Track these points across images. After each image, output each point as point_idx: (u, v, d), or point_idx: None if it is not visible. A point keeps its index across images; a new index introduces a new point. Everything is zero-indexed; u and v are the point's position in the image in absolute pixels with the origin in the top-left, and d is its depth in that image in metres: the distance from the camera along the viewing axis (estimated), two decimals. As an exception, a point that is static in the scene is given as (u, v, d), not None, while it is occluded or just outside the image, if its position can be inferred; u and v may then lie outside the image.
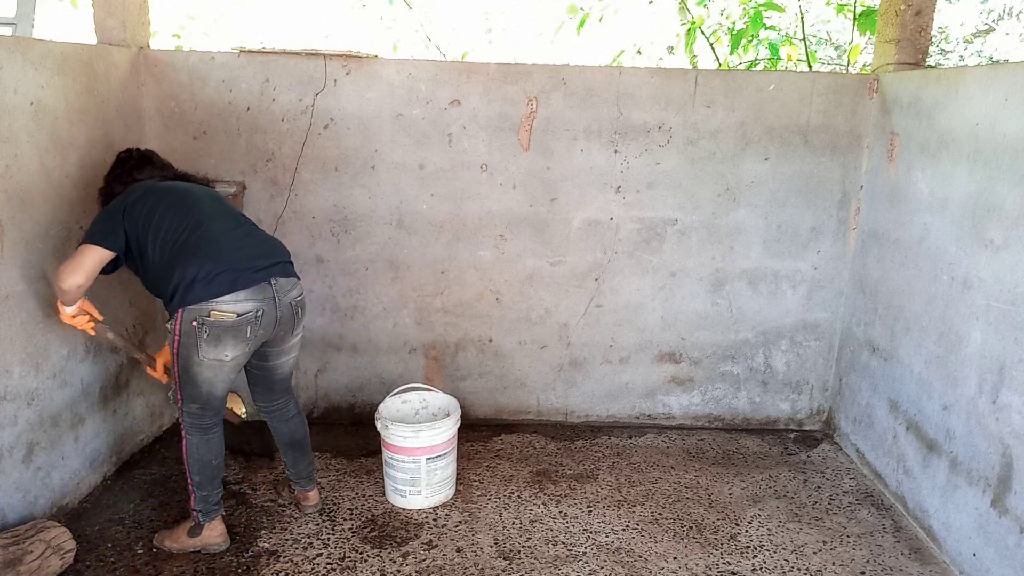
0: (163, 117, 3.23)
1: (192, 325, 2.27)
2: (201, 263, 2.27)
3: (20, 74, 2.43)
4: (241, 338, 2.32)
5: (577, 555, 2.66)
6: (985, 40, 8.39)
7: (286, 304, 2.42)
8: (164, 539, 2.60)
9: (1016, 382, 2.32)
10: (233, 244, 2.37)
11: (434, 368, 3.60)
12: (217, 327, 2.27)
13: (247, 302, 2.30)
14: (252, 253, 2.38)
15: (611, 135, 3.31)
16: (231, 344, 2.31)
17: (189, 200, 2.43)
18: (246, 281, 2.30)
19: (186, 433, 2.46)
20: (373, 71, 3.22)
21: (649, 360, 3.61)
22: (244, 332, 2.32)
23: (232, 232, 2.41)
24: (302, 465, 2.80)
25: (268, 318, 2.37)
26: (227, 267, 2.29)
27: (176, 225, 2.34)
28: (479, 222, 3.40)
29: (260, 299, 2.33)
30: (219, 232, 2.37)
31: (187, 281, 2.26)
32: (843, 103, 3.30)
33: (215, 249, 2.32)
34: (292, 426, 2.74)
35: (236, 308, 2.28)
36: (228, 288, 2.27)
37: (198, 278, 2.26)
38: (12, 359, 2.45)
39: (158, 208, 2.37)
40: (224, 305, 2.27)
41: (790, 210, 3.41)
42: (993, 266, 2.45)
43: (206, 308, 2.26)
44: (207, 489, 2.51)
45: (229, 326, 2.28)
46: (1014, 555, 2.30)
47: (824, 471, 3.32)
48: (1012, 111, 2.38)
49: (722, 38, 5.65)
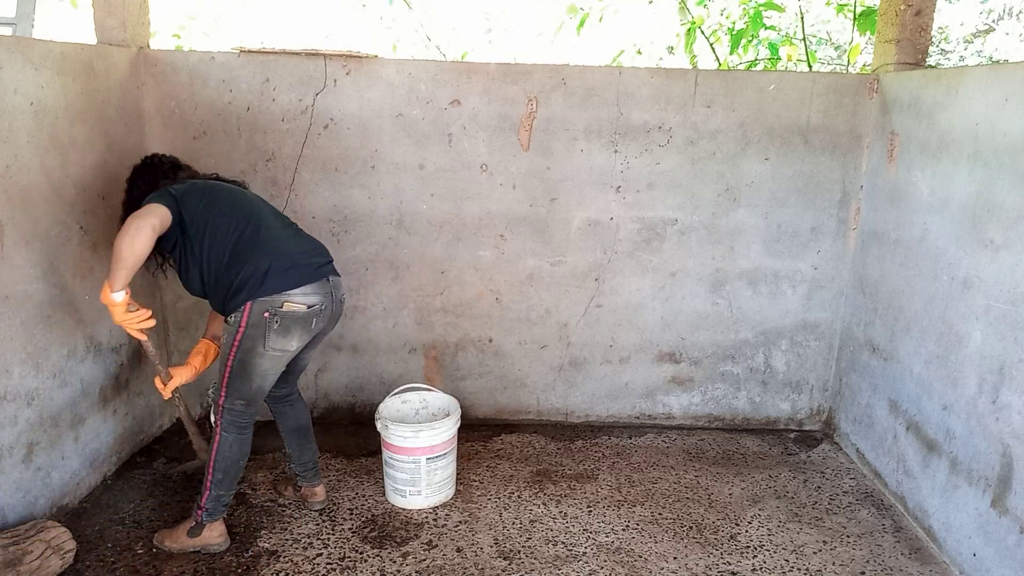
0: (163, 117, 3.23)
1: (263, 316, 2.35)
2: (272, 258, 2.37)
3: (20, 74, 2.43)
4: (307, 329, 2.45)
5: (577, 555, 2.66)
6: (985, 40, 8.39)
7: (339, 300, 2.55)
8: (164, 539, 2.60)
9: (1016, 382, 2.32)
10: (292, 242, 2.50)
11: (434, 368, 3.60)
12: (288, 318, 2.38)
13: (314, 296, 2.42)
14: (309, 251, 2.52)
15: (611, 135, 3.31)
16: (298, 335, 2.43)
17: (243, 199, 2.52)
18: (311, 276, 2.43)
19: (222, 430, 2.49)
20: (373, 71, 3.22)
21: (649, 360, 3.61)
22: (310, 324, 2.44)
23: (287, 231, 2.53)
24: (308, 455, 2.83)
25: (327, 312, 2.49)
26: (294, 263, 2.41)
27: (236, 223, 2.41)
28: (479, 222, 3.40)
29: (323, 294, 2.45)
30: (278, 230, 2.49)
31: (259, 274, 2.34)
32: (843, 103, 3.30)
33: (281, 246, 2.43)
34: (298, 411, 2.81)
35: (306, 301, 2.40)
36: (298, 282, 2.39)
37: (271, 271, 2.35)
38: (12, 359, 2.45)
39: (216, 205, 2.42)
40: (296, 297, 2.38)
41: (790, 210, 3.41)
42: (993, 266, 2.45)
43: (279, 300, 2.36)
44: (224, 489, 2.53)
45: (299, 317, 2.40)
46: (1014, 555, 2.30)
47: (824, 471, 3.32)
48: (1012, 111, 2.38)
49: (722, 38, 5.65)
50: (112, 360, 3.02)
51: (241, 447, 2.52)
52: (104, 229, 2.92)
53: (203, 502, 2.52)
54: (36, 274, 2.54)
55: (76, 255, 2.76)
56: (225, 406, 2.47)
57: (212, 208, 2.41)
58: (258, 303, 2.35)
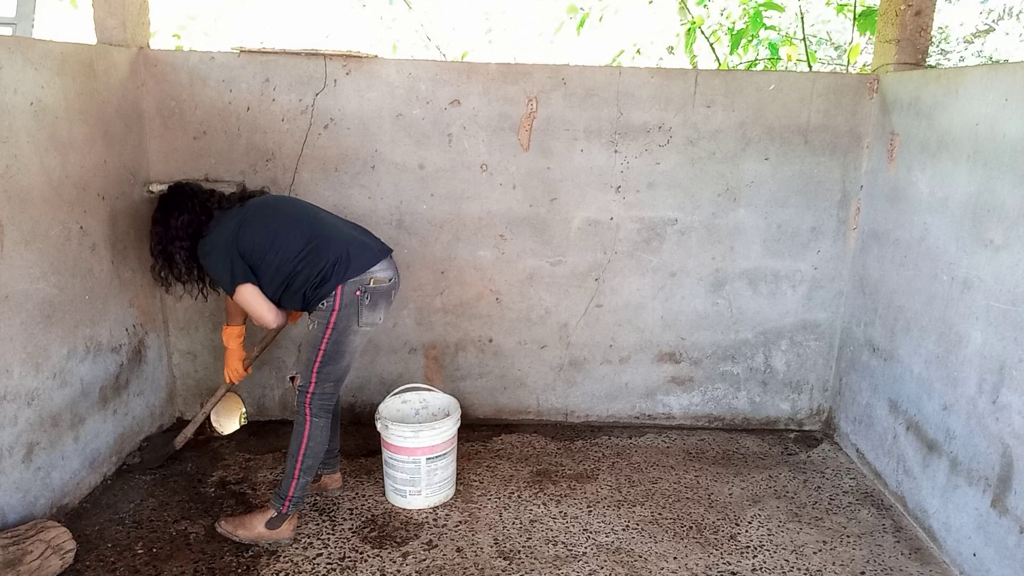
0: (163, 117, 3.23)
1: (356, 295, 2.51)
2: (347, 244, 2.55)
3: (20, 74, 2.43)
4: (388, 300, 2.63)
5: (577, 555, 2.66)
6: (985, 40, 8.39)
7: (398, 278, 2.70)
8: (235, 528, 2.64)
9: (1016, 382, 2.32)
10: (352, 229, 2.69)
11: (434, 368, 3.60)
12: (376, 292, 2.55)
13: (389, 270, 2.63)
14: (367, 233, 2.72)
15: (611, 135, 3.31)
16: (383, 307, 2.61)
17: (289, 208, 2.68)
18: (383, 253, 2.63)
19: (312, 416, 2.58)
20: (373, 71, 3.22)
21: (649, 360, 3.61)
22: (390, 296, 2.63)
23: (340, 221, 2.72)
24: (335, 442, 2.95)
25: (398, 284, 2.69)
26: (366, 245, 2.60)
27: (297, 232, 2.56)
28: (479, 222, 3.40)
29: (393, 268, 2.66)
30: (335, 221, 2.68)
31: (343, 258, 2.51)
32: (843, 103, 3.30)
33: (348, 233, 2.62)
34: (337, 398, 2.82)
35: (386, 275, 2.60)
36: (376, 258, 2.57)
37: (351, 255, 2.52)
38: (12, 359, 2.45)
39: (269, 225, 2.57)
40: (379, 272, 2.57)
41: (790, 210, 3.41)
42: (993, 266, 2.45)
43: (367, 277, 2.53)
44: (310, 476, 2.63)
45: (385, 290, 2.59)
46: (1014, 555, 2.30)
47: (824, 471, 3.32)
48: (1012, 111, 2.38)
49: (722, 38, 5.65)
50: (112, 360, 3.02)
51: (327, 430, 2.64)
52: (104, 229, 2.92)
53: (291, 492, 2.59)
54: (36, 274, 2.54)
55: (76, 255, 2.76)
56: (315, 392, 2.57)
57: (267, 229, 2.55)
58: (348, 284, 2.50)
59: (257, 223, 2.57)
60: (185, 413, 3.60)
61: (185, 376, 3.55)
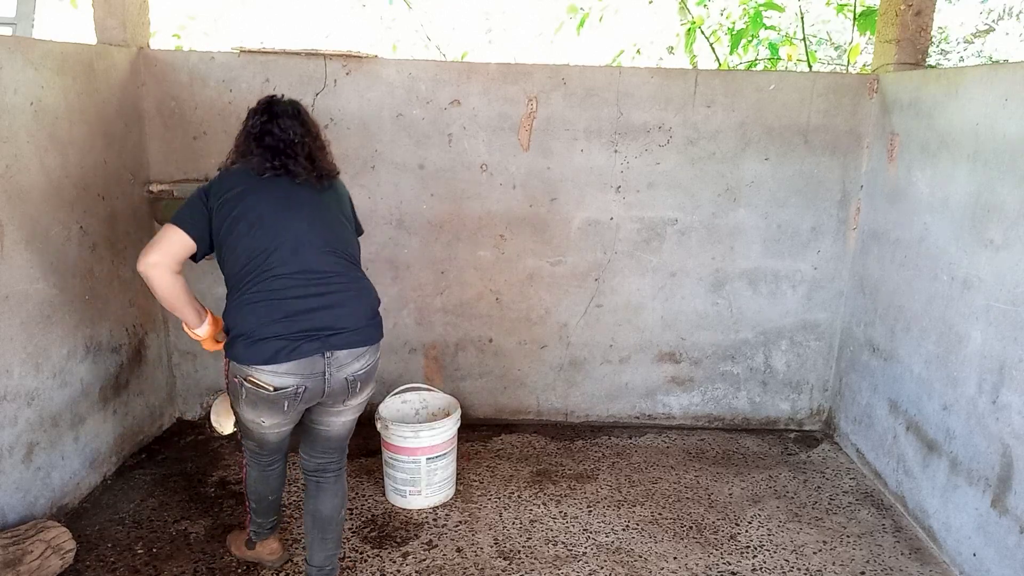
0: (163, 117, 3.23)
1: (234, 380, 2.08)
2: (253, 319, 2.01)
3: (20, 74, 2.43)
4: (278, 411, 2.08)
5: (577, 555, 2.66)
6: (985, 40, 8.39)
7: (339, 379, 2.10)
8: (231, 543, 2.62)
9: (1016, 382, 2.32)
10: (296, 297, 2.03)
11: (434, 368, 3.60)
12: (253, 394, 2.04)
13: (287, 376, 2.01)
14: (316, 315, 2.04)
15: (611, 135, 3.31)
16: (267, 413, 2.09)
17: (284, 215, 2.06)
18: (290, 353, 1.99)
19: (246, 464, 2.38)
20: (373, 71, 3.22)
21: (649, 360, 3.61)
22: (281, 405, 2.06)
23: (306, 276, 2.05)
24: (317, 555, 2.31)
25: (312, 393, 2.08)
26: (275, 333, 2.00)
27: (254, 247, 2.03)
28: (479, 222, 3.40)
29: (305, 374, 2.03)
30: (286, 274, 2.03)
31: (235, 334, 2.03)
32: (843, 103, 3.30)
33: (270, 303, 2.01)
34: (322, 495, 2.31)
35: (274, 381, 2.01)
36: (270, 358, 1.99)
37: (242, 335, 2.01)
38: (12, 359, 2.45)
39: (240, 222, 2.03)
40: (262, 375, 2.00)
41: (790, 210, 3.41)
42: (993, 266, 2.45)
43: (245, 371, 2.02)
44: (261, 516, 2.46)
45: (264, 397, 2.04)
46: (1014, 555, 2.30)
47: (824, 471, 3.32)
48: (1012, 111, 2.38)
49: (722, 38, 5.64)
50: (112, 360, 3.02)
51: (267, 483, 2.36)
52: (104, 229, 2.92)
53: (246, 524, 2.51)
54: (36, 274, 2.54)
55: (76, 255, 2.76)
56: (243, 443, 2.32)
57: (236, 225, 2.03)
58: (231, 364, 2.07)
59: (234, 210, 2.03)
60: (185, 413, 3.60)
61: (185, 376, 3.55)
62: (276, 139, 2.09)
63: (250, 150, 2.11)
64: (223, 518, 2.80)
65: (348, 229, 2.25)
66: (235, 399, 2.13)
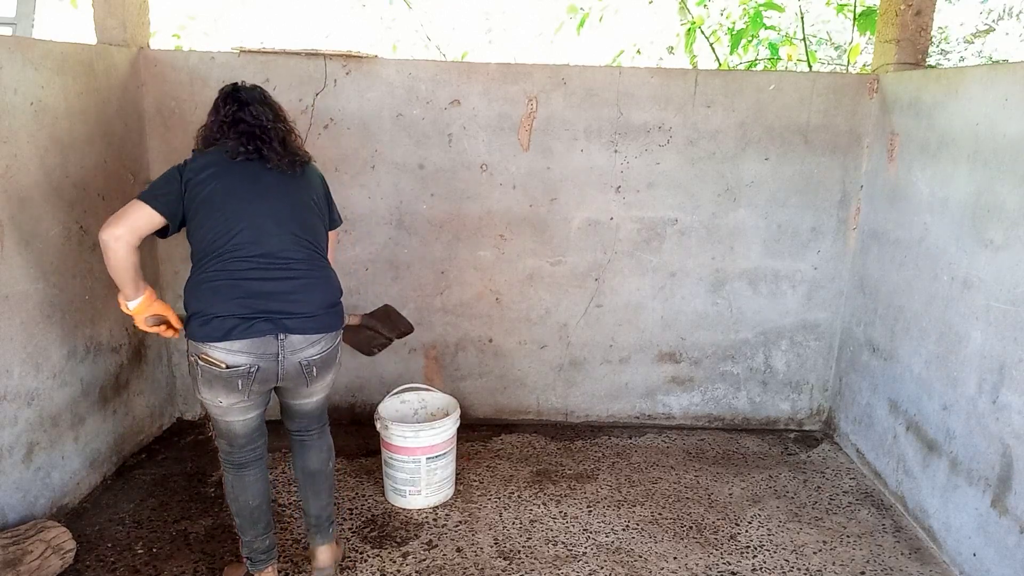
0: (163, 117, 3.23)
1: (190, 359, 2.10)
2: (211, 297, 2.04)
3: (20, 74, 2.43)
4: (232, 389, 2.08)
5: (577, 555, 2.66)
6: (985, 40, 8.39)
7: (293, 363, 2.12)
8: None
9: (1016, 382, 2.32)
10: (255, 279, 2.07)
11: (434, 368, 3.60)
12: (208, 372, 2.06)
13: (240, 355, 2.04)
14: (273, 297, 2.08)
15: (611, 135, 3.31)
16: (223, 392, 2.09)
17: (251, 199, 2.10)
18: (244, 331, 2.03)
19: (223, 469, 2.29)
20: (373, 71, 3.22)
21: (649, 360, 3.61)
22: (235, 384, 2.07)
23: (267, 260, 2.09)
24: (313, 507, 2.41)
25: (265, 374, 2.10)
26: (230, 312, 2.03)
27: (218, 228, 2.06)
28: (479, 222, 3.40)
29: (258, 354, 2.06)
30: (247, 257, 2.07)
31: (192, 311, 2.07)
32: (843, 103, 3.30)
33: (228, 283, 2.05)
34: (307, 452, 2.40)
35: (226, 358, 2.03)
36: (222, 335, 2.02)
37: (198, 313, 2.05)
38: (12, 359, 2.45)
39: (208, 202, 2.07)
40: (215, 352, 2.03)
41: (790, 210, 3.41)
42: (993, 266, 2.45)
43: (200, 348, 2.05)
44: (250, 534, 2.29)
45: (217, 375, 2.05)
46: (1014, 555, 2.30)
47: (824, 471, 3.32)
48: (1012, 111, 2.38)
49: (722, 38, 5.65)
50: (112, 360, 3.02)
51: (244, 486, 2.25)
52: (104, 229, 2.92)
53: (240, 550, 2.36)
54: (36, 274, 2.54)
55: (76, 255, 2.76)
56: (216, 443, 2.28)
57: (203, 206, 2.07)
58: (190, 343, 2.08)
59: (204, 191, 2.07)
60: (185, 413, 3.60)
61: (185, 376, 3.55)
62: (250, 125, 2.15)
63: (224, 136, 2.15)
64: (223, 518, 2.80)
65: (315, 216, 2.25)
66: (193, 379, 2.13)
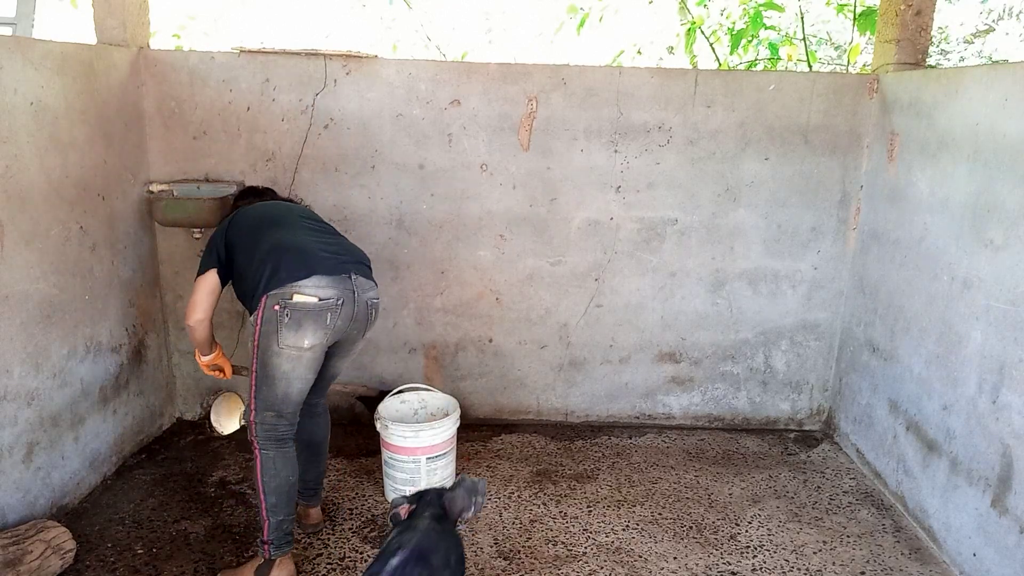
0: (163, 117, 3.23)
1: (274, 310, 2.26)
2: (288, 253, 2.33)
3: (20, 74, 2.43)
4: (321, 325, 2.29)
5: (577, 555, 2.66)
6: (985, 40, 8.39)
7: (364, 301, 2.41)
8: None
9: (1016, 382, 2.32)
10: (315, 239, 2.44)
11: (434, 368, 3.60)
12: (299, 311, 2.26)
13: (328, 288, 2.30)
14: (333, 249, 2.43)
15: (611, 135, 3.31)
16: (311, 330, 2.28)
17: (272, 212, 2.56)
18: (327, 268, 2.32)
19: (260, 448, 2.32)
20: (373, 71, 3.22)
21: (649, 360, 3.61)
22: (324, 319, 2.29)
23: (314, 231, 2.50)
24: (312, 472, 2.66)
25: (347, 310, 2.35)
26: (309, 256, 2.33)
27: (261, 234, 2.43)
28: (479, 222, 3.40)
29: (340, 288, 2.33)
30: (303, 232, 2.46)
31: (272, 267, 2.30)
32: (843, 103, 3.30)
33: (298, 240, 2.39)
34: (317, 423, 2.65)
35: (318, 293, 2.28)
36: (309, 272, 2.28)
37: (282, 264, 2.30)
38: (12, 359, 2.45)
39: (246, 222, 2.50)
40: (307, 289, 2.27)
41: (790, 210, 3.42)
42: (993, 266, 2.45)
43: (289, 291, 2.26)
44: (283, 513, 2.34)
45: (310, 310, 2.27)
46: (1014, 555, 2.30)
47: (824, 471, 3.32)
48: (1012, 111, 2.38)
49: (722, 38, 5.65)
50: (112, 360, 3.02)
51: (286, 461, 2.35)
52: (104, 229, 2.92)
53: (265, 535, 2.33)
54: (36, 274, 2.54)
55: (76, 255, 2.76)
56: (257, 421, 2.33)
57: (243, 227, 2.47)
58: (271, 296, 2.27)
59: (241, 221, 2.51)
60: (185, 413, 3.61)
61: (185, 376, 3.55)
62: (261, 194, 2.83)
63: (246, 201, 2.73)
64: (223, 518, 2.81)
65: None
66: (272, 338, 2.28)
